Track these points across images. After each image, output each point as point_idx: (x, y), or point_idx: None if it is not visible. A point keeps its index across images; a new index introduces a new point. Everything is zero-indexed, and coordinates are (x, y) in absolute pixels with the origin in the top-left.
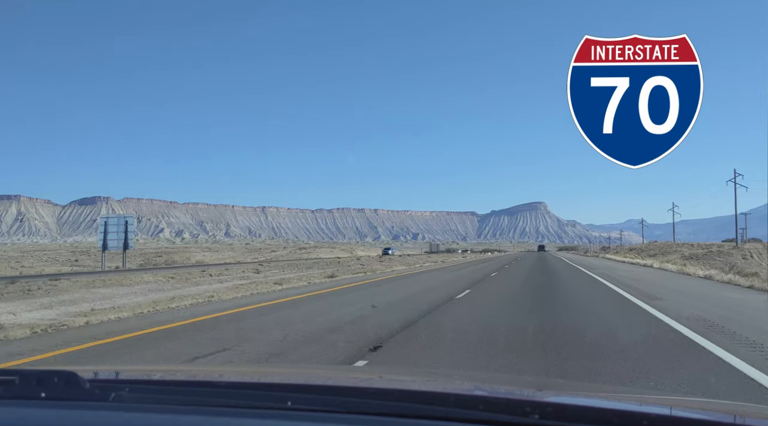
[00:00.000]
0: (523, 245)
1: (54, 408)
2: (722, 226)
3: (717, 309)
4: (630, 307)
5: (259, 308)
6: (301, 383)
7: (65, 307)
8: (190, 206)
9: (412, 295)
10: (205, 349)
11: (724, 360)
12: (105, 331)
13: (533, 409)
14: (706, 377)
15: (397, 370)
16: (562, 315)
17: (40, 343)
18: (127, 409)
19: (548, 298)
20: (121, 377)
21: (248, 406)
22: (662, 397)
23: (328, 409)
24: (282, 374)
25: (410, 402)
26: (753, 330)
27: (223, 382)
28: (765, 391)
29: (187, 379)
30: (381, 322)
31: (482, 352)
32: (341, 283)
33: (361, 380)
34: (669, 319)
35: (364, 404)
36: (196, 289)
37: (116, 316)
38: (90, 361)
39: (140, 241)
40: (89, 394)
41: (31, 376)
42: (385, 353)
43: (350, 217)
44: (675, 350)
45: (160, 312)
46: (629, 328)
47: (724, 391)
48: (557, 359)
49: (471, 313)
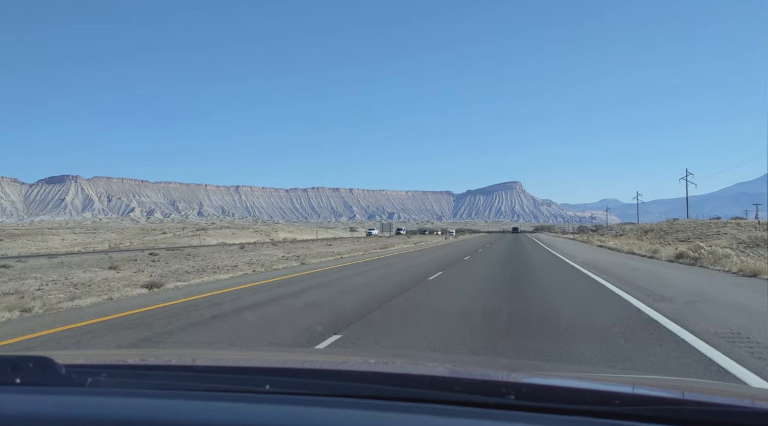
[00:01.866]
0: (498, 224)
1: (29, 393)
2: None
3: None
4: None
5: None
6: (278, 366)
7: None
8: (162, 185)
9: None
10: None
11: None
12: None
13: (508, 389)
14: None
15: (373, 354)
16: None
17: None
18: (104, 394)
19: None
20: (97, 362)
21: (226, 390)
22: (634, 376)
23: (306, 392)
24: (259, 358)
25: (387, 384)
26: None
27: (200, 366)
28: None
29: (164, 363)
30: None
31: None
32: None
33: (337, 363)
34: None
35: (342, 387)
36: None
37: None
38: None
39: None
40: (65, 379)
41: (6, 362)
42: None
43: (325, 197)
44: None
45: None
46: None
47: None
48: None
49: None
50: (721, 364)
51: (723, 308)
